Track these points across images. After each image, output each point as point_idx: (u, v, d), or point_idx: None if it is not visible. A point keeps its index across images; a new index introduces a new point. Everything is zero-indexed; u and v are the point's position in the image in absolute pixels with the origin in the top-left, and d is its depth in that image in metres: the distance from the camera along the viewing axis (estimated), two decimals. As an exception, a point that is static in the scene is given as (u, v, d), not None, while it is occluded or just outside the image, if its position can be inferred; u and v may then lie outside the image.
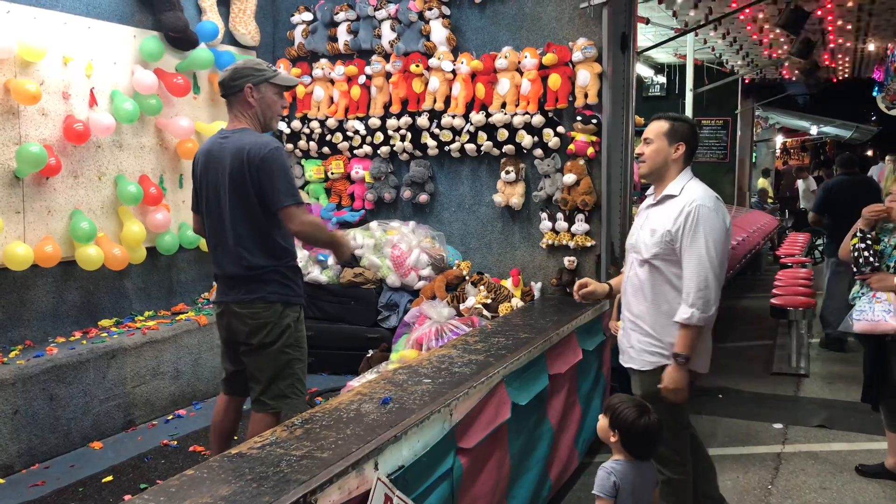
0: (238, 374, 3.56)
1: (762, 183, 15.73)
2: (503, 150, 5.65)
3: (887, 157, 7.52)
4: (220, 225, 3.35)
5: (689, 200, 2.91)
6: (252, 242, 3.29)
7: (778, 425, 4.96)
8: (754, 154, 15.51)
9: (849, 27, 8.72)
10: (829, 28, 8.81)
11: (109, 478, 4.02)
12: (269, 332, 3.33)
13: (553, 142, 5.35)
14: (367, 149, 6.29)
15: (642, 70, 10.90)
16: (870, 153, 23.67)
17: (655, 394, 2.97)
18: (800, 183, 14.35)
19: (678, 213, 2.92)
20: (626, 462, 2.61)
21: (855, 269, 3.86)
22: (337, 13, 6.29)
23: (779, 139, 22.35)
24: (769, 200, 14.46)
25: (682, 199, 2.95)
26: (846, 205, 5.83)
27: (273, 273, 3.33)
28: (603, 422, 2.66)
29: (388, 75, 6.09)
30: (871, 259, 3.77)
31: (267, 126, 3.47)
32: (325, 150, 6.53)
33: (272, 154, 3.21)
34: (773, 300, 6.45)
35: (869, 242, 3.81)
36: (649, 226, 3.03)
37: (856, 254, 3.82)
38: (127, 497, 3.69)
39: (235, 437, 3.71)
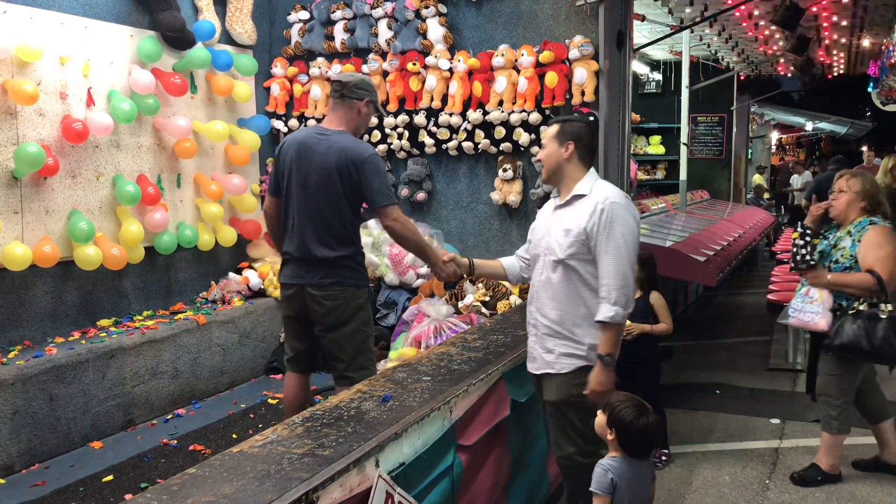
0: (306, 353, 3.86)
1: (758, 179, 15.76)
2: (500, 148, 5.66)
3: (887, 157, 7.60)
4: (304, 210, 3.63)
5: (602, 198, 2.85)
6: (336, 232, 3.64)
7: (775, 420, 4.98)
8: (750, 150, 15.52)
9: (844, 23, 8.74)
10: (824, 24, 8.83)
11: (110, 477, 4.03)
12: (344, 312, 3.65)
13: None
14: (364, 147, 6.29)
15: (638, 67, 10.91)
16: (864, 149, 23.75)
17: (573, 397, 2.89)
18: (795, 177, 14.39)
19: (592, 212, 2.84)
20: (622, 459, 2.61)
21: (792, 265, 3.90)
22: (333, 12, 6.30)
23: (774, 135, 22.40)
24: (765, 196, 14.48)
25: (594, 197, 2.88)
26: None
27: (349, 260, 3.68)
28: (601, 418, 2.65)
29: (385, 74, 6.10)
30: (807, 256, 3.81)
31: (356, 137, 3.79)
32: (323, 148, 6.53)
33: (373, 158, 3.63)
34: (769, 296, 6.47)
35: (808, 239, 3.85)
36: (562, 226, 2.93)
37: (794, 249, 3.88)
38: (128, 496, 3.69)
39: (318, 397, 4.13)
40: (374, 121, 6.14)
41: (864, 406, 4.16)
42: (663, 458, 4.27)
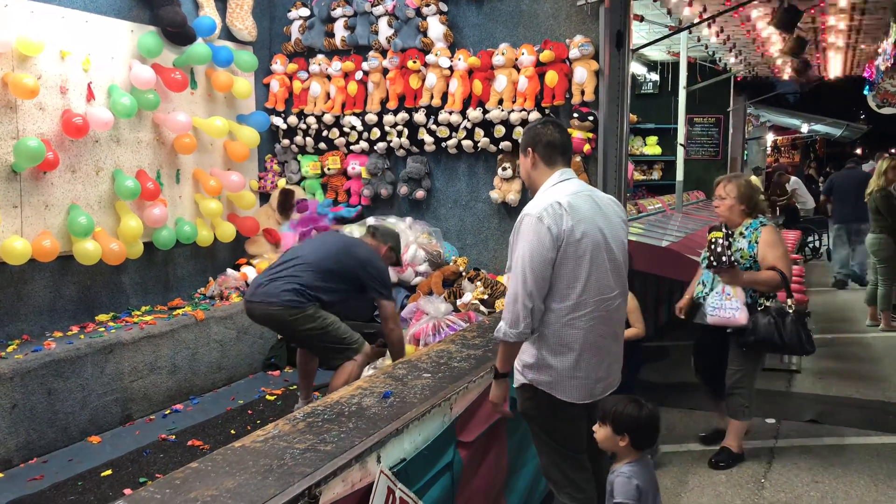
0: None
1: (753, 180, 15.80)
2: (500, 147, 5.68)
3: (877, 156, 7.73)
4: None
5: (526, 211, 2.67)
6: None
7: (770, 420, 5.01)
8: (746, 152, 15.56)
9: (841, 26, 8.78)
10: (822, 27, 8.86)
11: (108, 472, 4.03)
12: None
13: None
14: (363, 145, 6.31)
15: (636, 67, 10.93)
16: (858, 151, 23.84)
17: (525, 410, 2.85)
18: (787, 186, 14.46)
19: (515, 225, 2.72)
20: (637, 462, 2.57)
21: (714, 262, 3.97)
22: (334, 9, 6.30)
23: (770, 137, 22.46)
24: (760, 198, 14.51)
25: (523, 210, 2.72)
26: (845, 191, 9.43)
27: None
28: (604, 431, 2.55)
29: (385, 71, 6.11)
30: (724, 257, 3.93)
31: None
32: (322, 145, 6.55)
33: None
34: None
35: (731, 241, 4.02)
36: None
37: (713, 246, 3.97)
38: (127, 491, 3.70)
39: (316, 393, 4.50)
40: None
41: (708, 391, 4.47)
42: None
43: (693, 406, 5.25)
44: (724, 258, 3.93)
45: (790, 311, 3.97)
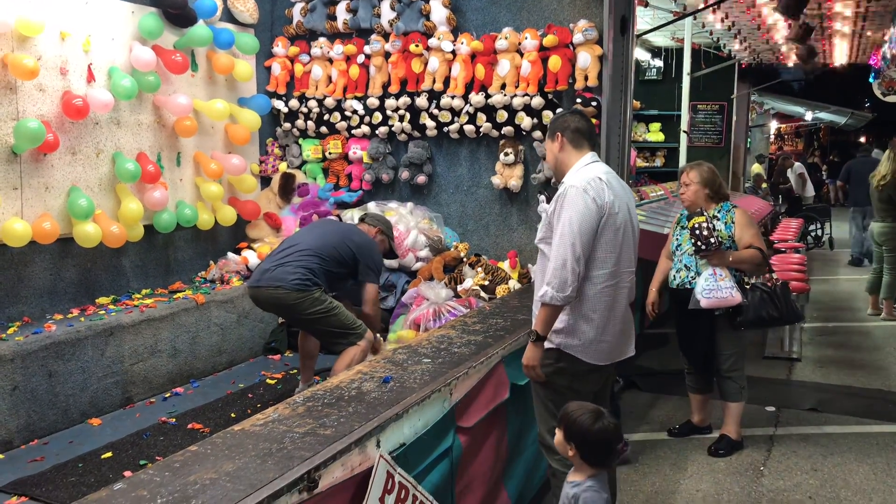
0: None
1: (756, 169, 15.76)
2: (502, 132, 5.65)
3: (892, 142, 7.63)
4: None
5: (568, 184, 2.88)
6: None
7: (770, 408, 5.02)
8: (749, 139, 15.49)
9: (847, 13, 8.71)
10: (828, 13, 8.80)
11: (109, 454, 4.03)
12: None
13: (553, 124, 5.34)
14: (365, 129, 6.28)
15: (639, 53, 10.86)
16: (863, 139, 23.74)
17: (542, 372, 2.96)
18: (788, 172, 14.40)
19: (556, 196, 2.92)
20: (598, 477, 2.39)
21: (702, 245, 4.03)
22: (336, -9, 6.25)
23: (773, 125, 22.36)
24: (763, 186, 14.49)
25: (564, 183, 2.94)
26: (862, 177, 9.38)
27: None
28: (559, 435, 2.44)
29: (387, 55, 6.07)
30: (712, 239, 4.02)
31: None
32: (323, 129, 6.52)
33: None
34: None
35: (714, 224, 4.11)
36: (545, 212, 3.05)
37: (698, 231, 4.04)
38: (127, 473, 3.70)
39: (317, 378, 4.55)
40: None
41: (698, 380, 4.49)
42: (625, 448, 4.19)
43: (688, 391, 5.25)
44: (711, 240, 4.02)
45: (777, 283, 4.21)
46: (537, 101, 5.42)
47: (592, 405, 2.47)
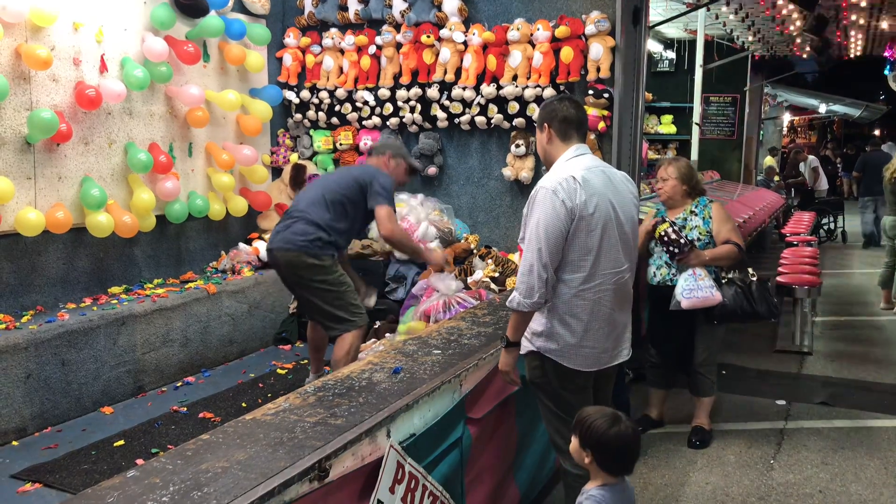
0: None
1: (769, 161, 15.67)
2: (513, 124, 5.64)
3: None
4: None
5: (538, 184, 2.75)
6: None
7: (781, 402, 5.00)
8: (762, 132, 15.40)
9: (863, 3, 8.63)
10: (843, 4, 8.72)
11: (121, 442, 4.07)
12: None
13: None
14: (376, 120, 6.28)
15: (651, 45, 10.79)
16: (877, 132, 23.52)
17: (532, 379, 2.93)
18: (801, 165, 14.32)
19: (529, 197, 2.78)
20: (610, 488, 2.31)
21: (674, 250, 4.02)
22: (348, -18, 6.24)
23: (786, 117, 22.19)
24: (775, 179, 14.41)
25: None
26: (874, 167, 10.37)
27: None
28: (574, 442, 2.36)
29: (398, 46, 6.06)
30: (682, 240, 4.01)
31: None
32: (334, 120, 6.52)
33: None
34: (778, 278, 6.46)
35: (677, 227, 4.08)
36: None
37: (665, 237, 4.03)
38: (139, 461, 3.74)
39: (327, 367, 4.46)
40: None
41: (665, 375, 4.50)
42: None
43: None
44: (681, 241, 4.01)
45: (753, 279, 4.22)
46: (549, 93, 5.40)
47: (610, 409, 2.38)
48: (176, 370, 5.10)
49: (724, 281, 4.19)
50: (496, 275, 5.24)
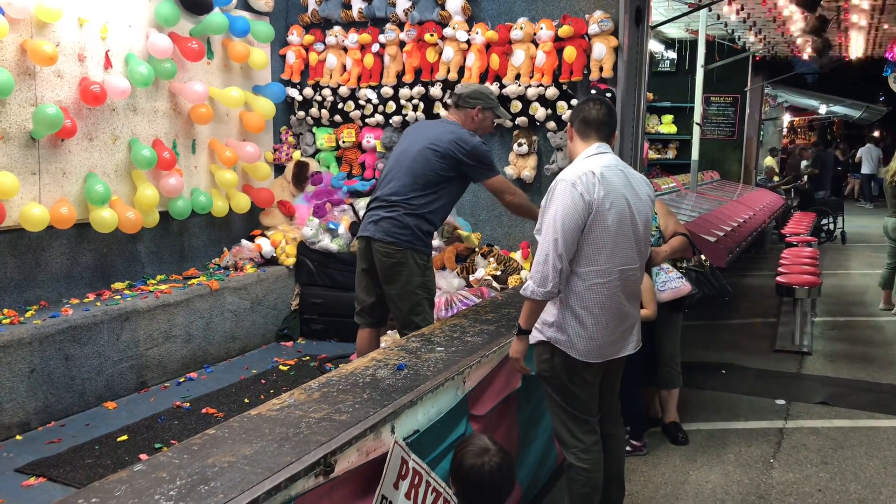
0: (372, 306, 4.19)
1: (769, 162, 15.69)
2: (516, 122, 5.65)
3: None
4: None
5: (558, 177, 2.85)
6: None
7: (780, 401, 5.03)
8: (762, 132, 15.42)
9: (864, 5, 8.64)
10: (845, 6, 8.73)
11: (124, 437, 4.09)
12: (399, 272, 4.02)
13: (567, 115, 5.35)
14: (378, 118, 6.30)
15: (653, 45, 10.82)
16: (876, 133, 23.54)
17: (540, 371, 2.97)
18: (803, 163, 14.33)
19: (548, 189, 2.89)
20: None
21: None
22: (351, -20, 6.25)
23: (786, 118, 22.21)
24: (775, 179, 14.43)
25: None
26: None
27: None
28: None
29: (401, 44, 6.07)
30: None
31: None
32: (337, 118, 6.54)
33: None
34: (778, 278, 6.48)
35: None
36: None
37: None
38: (143, 456, 3.76)
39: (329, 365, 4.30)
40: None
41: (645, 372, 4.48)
42: (643, 448, 4.22)
43: (701, 386, 5.27)
44: None
45: (706, 264, 4.47)
46: (552, 92, 5.42)
47: (488, 442, 2.34)
48: (178, 366, 5.12)
49: (682, 270, 4.32)
50: (498, 273, 5.26)
